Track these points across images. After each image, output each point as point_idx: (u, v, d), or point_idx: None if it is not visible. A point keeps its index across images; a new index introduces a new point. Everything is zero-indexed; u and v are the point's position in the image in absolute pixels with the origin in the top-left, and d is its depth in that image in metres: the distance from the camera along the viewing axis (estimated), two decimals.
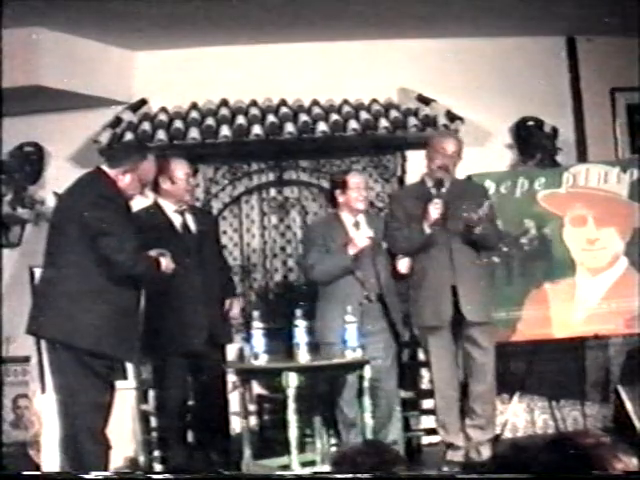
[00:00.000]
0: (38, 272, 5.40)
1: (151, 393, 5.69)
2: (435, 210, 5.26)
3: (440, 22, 6.55)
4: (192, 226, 5.47)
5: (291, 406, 4.81)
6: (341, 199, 5.50)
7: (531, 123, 6.96)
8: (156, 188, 5.44)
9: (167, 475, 2.59)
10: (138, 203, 5.17)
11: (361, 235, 5.35)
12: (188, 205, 5.52)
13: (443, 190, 5.37)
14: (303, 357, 4.97)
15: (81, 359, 4.49)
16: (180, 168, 5.46)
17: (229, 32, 6.53)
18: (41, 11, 5.81)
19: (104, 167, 4.74)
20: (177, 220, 5.42)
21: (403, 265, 5.41)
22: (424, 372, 6.14)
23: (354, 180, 5.49)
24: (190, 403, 5.46)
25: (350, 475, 2.51)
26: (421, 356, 6.00)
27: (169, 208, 5.43)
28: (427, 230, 5.29)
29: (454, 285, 5.30)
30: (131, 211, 4.87)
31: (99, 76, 6.60)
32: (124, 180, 4.68)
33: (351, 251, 5.33)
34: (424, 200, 5.36)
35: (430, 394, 5.60)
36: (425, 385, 6.14)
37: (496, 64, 6.92)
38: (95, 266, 4.54)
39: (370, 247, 5.36)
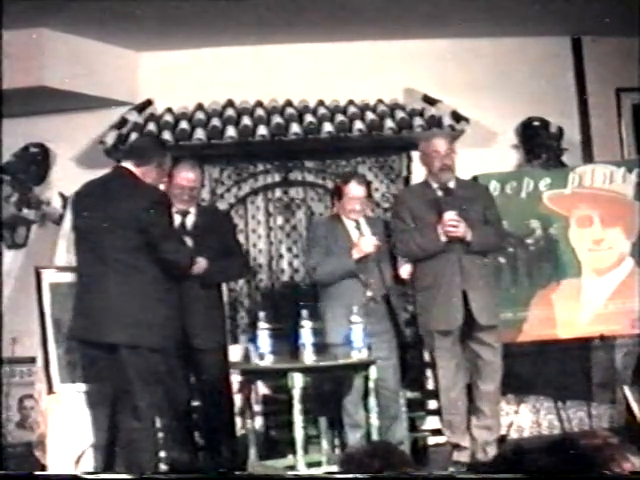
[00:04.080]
0: (45, 273, 5.41)
1: None
2: (452, 221, 5.26)
3: (446, 22, 6.55)
4: (189, 226, 5.48)
5: (297, 407, 4.80)
6: (337, 206, 5.52)
7: (537, 123, 6.96)
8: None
9: (172, 475, 2.57)
10: None
11: (367, 241, 5.34)
12: (197, 206, 5.54)
13: (452, 196, 5.37)
14: (309, 358, 4.96)
15: (146, 359, 4.57)
16: (183, 171, 5.49)
17: (234, 33, 6.53)
18: (45, 12, 5.82)
19: (128, 165, 4.78)
20: (177, 220, 5.43)
21: (405, 271, 5.41)
22: (430, 373, 6.14)
23: (352, 194, 5.44)
24: (196, 404, 5.46)
25: (357, 475, 2.50)
26: (427, 357, 6.00)
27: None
28: (443, 239, 5.30)
29: (464, 290, 5.30)
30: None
31: (104, 77, 6.61)
32: (152, 176, 4.77)
33: (355, 255, 5.32)
34: (432, 204, 5.37)
35: (436, 394, 5.60)
36: (431, 385, 6.13)
37: (502, 64, 6.92)
38: (152, 267, 4.64)
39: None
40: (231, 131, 6.53)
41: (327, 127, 6.57)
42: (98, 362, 4.71)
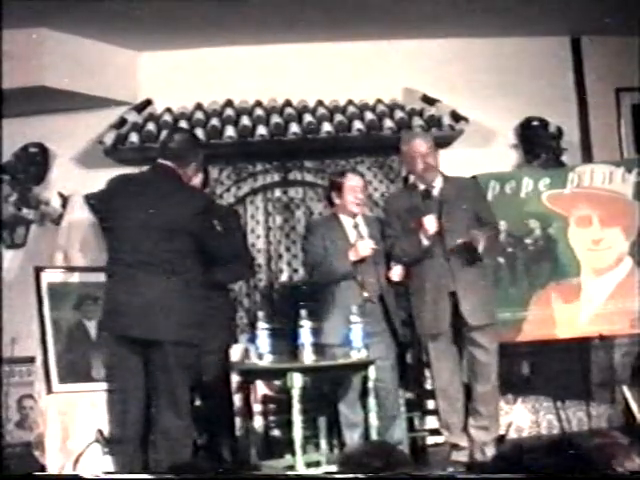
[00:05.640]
0: (44, 273, 5.41)
1: None
2: (431, 225, 5.24)
3: (445, 22, 6.55)
4: None
5: (296, 406, 4.80)
6: (337, 201, 5.50)
7: (536, 123, 6.96)
8: None
9: (171, 475, 2.57)
10: None
11: (364, 244, 5.33)
12: None
13: (434, 196, 5.35)
14: (308, 357, 4.96)
15: (188, 356, 4.64)
16: None
17: (233, 33, 6.53)
18: (45, 12, 5.82)
19: (170, 164, 4.76)
20: None
21: (395, 273, 5.40)
22: (428, 372, 6.14)
23: (350, 183, 5.45)
24: (197, 404, 5.46)
25: (356, 475, 2.50)
26: (425, 357, 6.00)
27: None
28: (425, 242, 5.28)
29: (453, 291, 5.29)
30: None
31: (103, 77, 6.61)
32: (187, 176, 4.81)
33: (352, 258, 5.32)
34: (414, 208, 5.36)
35: (434, 394, 5.60)
36: (429, 385, 6.13)
37: (501, 64, 6.92)
38: (191, 267, 4.66)
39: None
40: (230, 131, 6.54)
41: (326, 127, 6.57)
42: (134, 359, 4.64)
